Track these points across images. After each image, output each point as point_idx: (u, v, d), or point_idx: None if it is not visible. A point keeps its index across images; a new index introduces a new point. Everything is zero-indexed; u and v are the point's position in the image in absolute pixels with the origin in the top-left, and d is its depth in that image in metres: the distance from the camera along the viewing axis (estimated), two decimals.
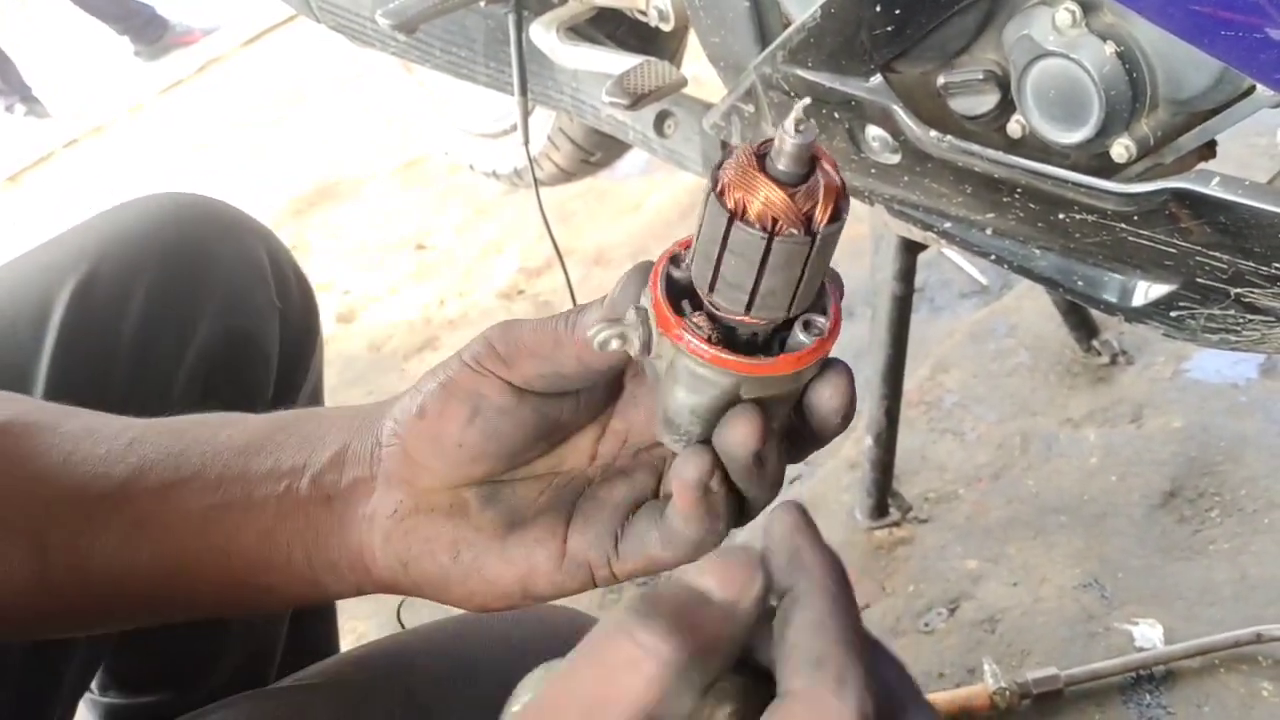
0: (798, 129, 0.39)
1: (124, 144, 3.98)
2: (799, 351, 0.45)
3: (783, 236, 0.40)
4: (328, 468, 0.55)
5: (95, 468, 0.57)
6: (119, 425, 0.59)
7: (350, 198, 3.02)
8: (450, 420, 0.51)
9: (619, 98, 1.10)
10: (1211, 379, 1.59)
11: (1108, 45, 0.80)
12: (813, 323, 0.45)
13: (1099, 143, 0.84)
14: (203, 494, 0.55)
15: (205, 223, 0.92)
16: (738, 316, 0.44)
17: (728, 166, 0.41)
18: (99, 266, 0.85)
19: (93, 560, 0.56)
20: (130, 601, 0.58)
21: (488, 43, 1.38)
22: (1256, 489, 1.42)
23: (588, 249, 2.40)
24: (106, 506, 0.56)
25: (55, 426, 0.59)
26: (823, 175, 0.41)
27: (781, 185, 0.40)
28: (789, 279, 0.42)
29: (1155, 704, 1.24)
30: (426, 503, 0.53)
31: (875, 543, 1.52)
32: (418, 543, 0.53)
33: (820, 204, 0.40)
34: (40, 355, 0.81)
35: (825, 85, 0.96)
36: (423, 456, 0.53)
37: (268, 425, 0.58)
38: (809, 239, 0.41)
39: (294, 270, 0.99)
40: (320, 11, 1.53)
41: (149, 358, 0.85)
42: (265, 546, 0.55)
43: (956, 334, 1.82)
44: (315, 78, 3.82)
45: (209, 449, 0.57)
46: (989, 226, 0.97)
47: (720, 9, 1.08)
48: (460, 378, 0.51)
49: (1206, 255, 0.81)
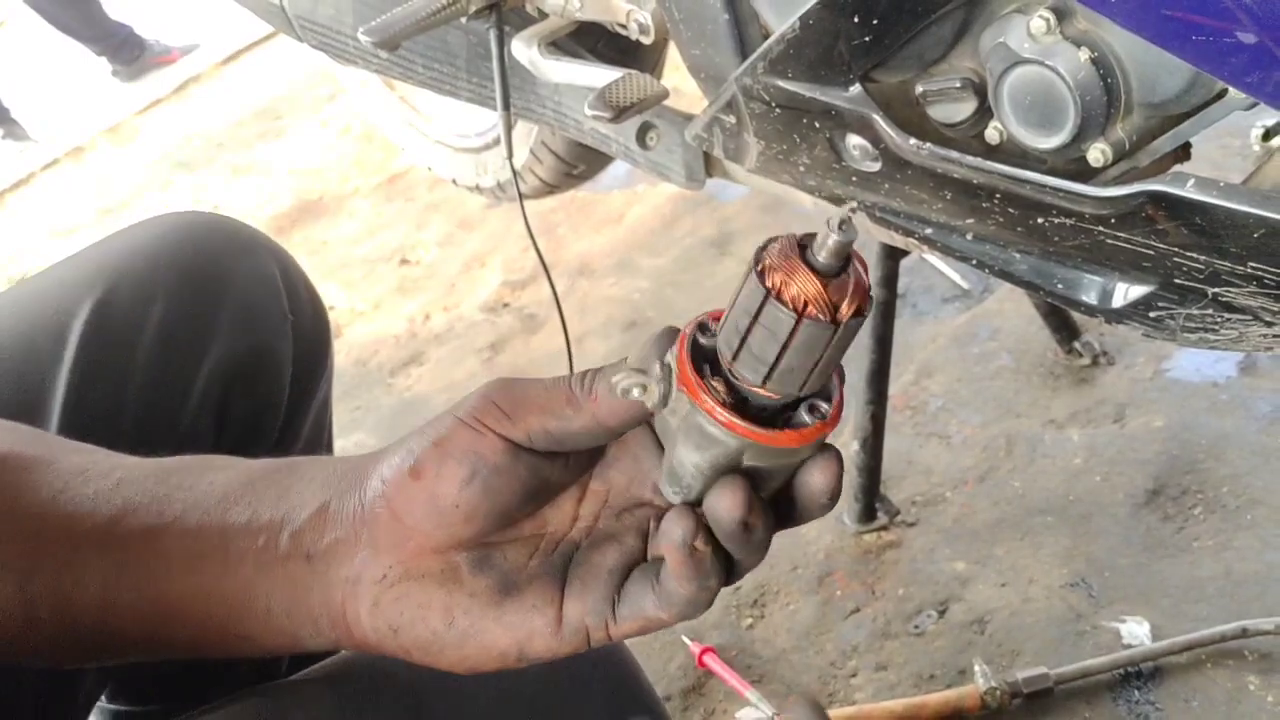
0: (841, 227, 0.44)
1: (104, 165, 3.97)
2: (802, 429, 0.49)
3: (810, 320, 0.45)
4: (308, 525, 0.55)
5: (82, 506, 0.57)
6: (109, 464, 0.60)
7: (332, 214, 3.03)
8: (447, 480, 0.52)
9: (601, 111, 1.10)
10: (1192, 378, 1.61)
11: (1082, 52, 0.81)
12: (817, 407, 0.49)
13: (1075, 147, 0.85)
14: (183, 540, 0.56)
15: (219, 240, 0.93)
16: (754, 387, 0.48)
17: (772, 250, 0.46)
18: (116, 284, 0.86)
19: (76, 598, 0.56)
20: (112, 640, 0.58)
21: (470, 58, 1.39)
22: (1238, 485, 1.44)
23: (571, 261, 2.41)
24: (91, 546, 0.56)
25: (50, 462, 0.59)
26: (854, 274, 0.46)
27: (817, 275, 0.45)
28: (808, 360, 0.47)
29: (1144, 700, 1.25)
30: (417, 569, 0.53)
31: (864, 547, 1.53)
32: (410, 609, 0.53)
33: (848, 299, 0.45)
34: (59, 371, 0.82)
35: (805, 95, 0.97)
36: (414, 519, 0.52)
37: (248, 474, 0.58)
38: (833, 326, 0.45)
39: (304, 282, 1.00)
40: (302, 30, 1.54)
41: (165, 373, 0.86)
42: (245, 596, 0.55)
43: (939, 338, 1.83)
44: (295, 95, 3.82)
45: (190, 496, 0.57)
46: (969, 231, 0.98)
47: (700, 22, 1.09)
48: (457, 436, 0.52)
49: (1183, 256, 0.83)
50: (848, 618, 1.45)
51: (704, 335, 0.50)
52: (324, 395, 1.02)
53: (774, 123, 1.03)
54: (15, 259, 3.46)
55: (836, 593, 1.49)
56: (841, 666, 1.40)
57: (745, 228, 2.32)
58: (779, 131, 1.04)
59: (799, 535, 1.57)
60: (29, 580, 0.56)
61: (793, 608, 1.49)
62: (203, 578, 0.55)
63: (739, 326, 0.47)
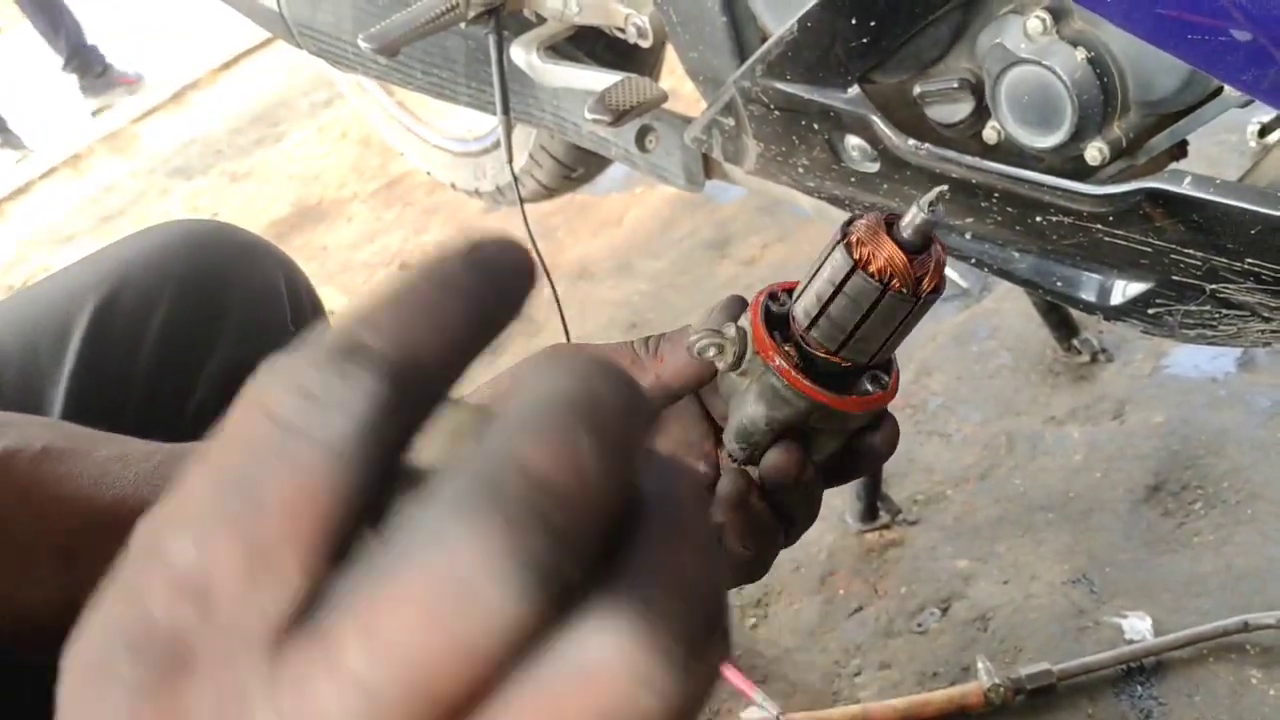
0: (930, 207, 0.47)
1: (102, 173, 3.98)
2: (866, 396, 0.52)
3: (894, 292, 0.48)
4: None
5: (124, 490, 0.58)
6: (147, 449, 0.61)
7: (331, 219, 3.03)
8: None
9: (601, 114, 1.11)
10: (1190, 374, 1.61)
11: (1079, 51, 0.82)
12: (879, 377, 0.52)
13: (1073, 146, 0.86)
14: None
15: (223, 248, 0.93)
16: (827, 354, 0.51)
17: (859, 224, 0.48)
18: (119, 291, 0.86)
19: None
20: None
21: (469, 63, 1.40)
22: (1238, 480, 1.44)
23: (570, 264, 2.42)
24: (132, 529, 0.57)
25: (89, 452, 0.60)
26: (935, 253, 0.48)
27: (903, 249, 0.47)
28: (884, 330, 0.49)
29: (1146, 695, 1.25)
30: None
31: (866, 546, 1.54)
32: None
33: (930, 274, 0.48)
34: (59, 377, 0.82)
35: (803, 97, 0.98)
36: None
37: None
38: (914, 299, 0.48)
39: (309, 293, 1.00)
40: (301, 37, 1.54)
41: (164, 382, 0.86)
42: None
43: (939, 337, 1.84)
44: (293, 101, 3.82)
45: None
46: (968, 231, 0.99)
47: (698, 25, 1.10)
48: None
49: (1181, 253, 0.83)
50: (851, 616, 1.46)
51: (774, 304, 0.53)
52: None
53: (772, 125, 1.04)
54: (14, 267, 3.46)
55: (839, 592, 1.49)
56: (845, 665, 1.41)
57: (744, 229, 2.32)
58: (777, 133, 1.04)
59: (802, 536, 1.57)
60: (72, 568, 0.57)
61: (796, 607, 1.49)
62: None
63: (820, 295, 0.49)
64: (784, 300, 0.53)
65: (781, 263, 2.19)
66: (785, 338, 0.52)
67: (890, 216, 0.48)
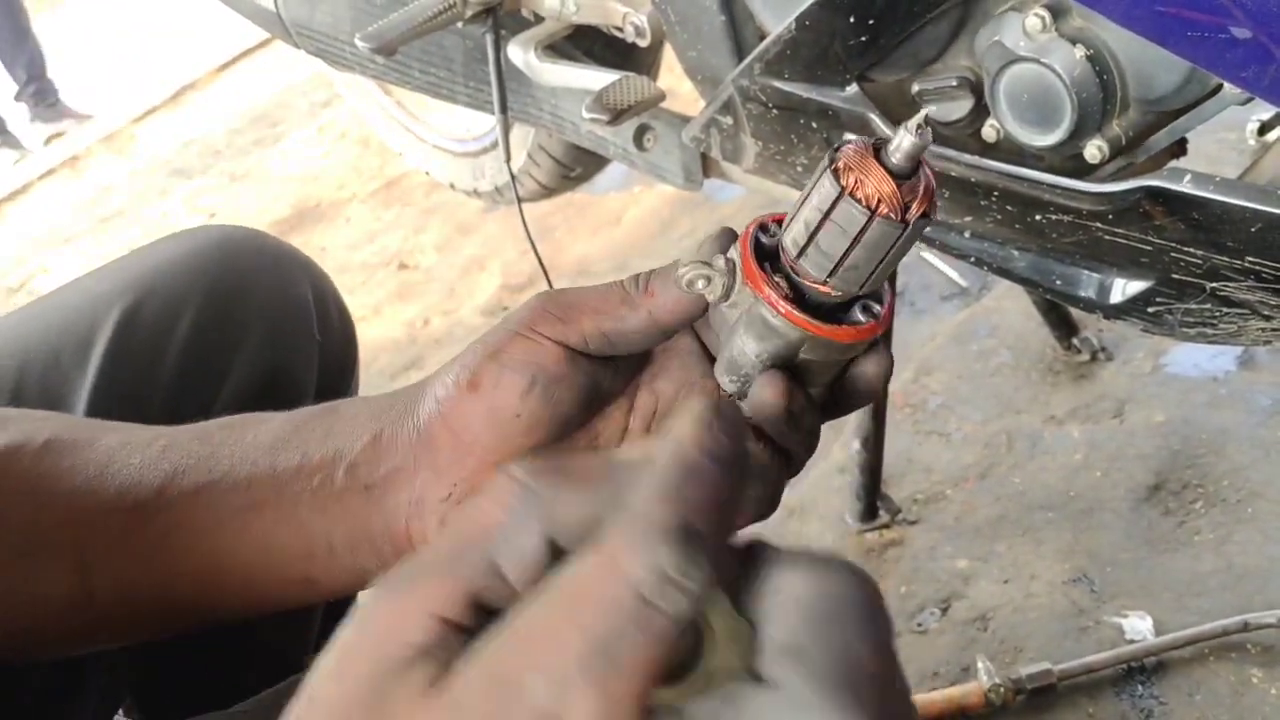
0: (917, 131, 0.45)
1: (101, 174, 3.97)
2: (858, 326, 0.50)
3: (882, 218, 0.47)
4: (362, 458, 0.55)
5: (130, 477, 0.58)
6: (151, 435, 0.60)
7: (330, 220, 3.03)
8: (506, 390, 0.52)
9: (599, 114, 1.11)
10: (1191, 372, 1.61)
11: (1078, 49, 0.82)
12: (870, 306, 0.51)
13: (1072, 144, 0.86)
14: (233, 494, 0.56)
15: (250, 256, 0.92)
16: (816, 284, 0.49)
17: (846, 151, 0.47)
18: (144, 298, 0.85)
19: (133, 568, 0.57)
20: (174, 607, 0.58)
21: (466, 63, 1.40)
22: (1239, 479, 1.44)
23: (569, 263, 2.41)
24: (142, 514, 0.57)
25: (92, 442, 0.60)
26: (924, 178, 0.47)
27: (891, 175, 0.46)
28: (873, 258, 0.48)
29: (1147, 695, 1.25)
30: (481, 484, 0.53)
31: (866, 545, 1.53)
32: None
33: (919, 199, 0.47)
34: (82, 384, 0.81)
35: (802, 96, 0.98)
36: (473, 433, 0.53)
37: (292, 421, 0.59)
38: (903, 225, 0.47)
39: (336, 303, 0.99)
40: (299, 37, 1.54)
41: (187, 391, 0.84)
42: (304, 539, 0.55)
43: (939, 336, 1.84)
44: (292, 101, 3.82)
45: (237, 449, 0.57)
46: (967, 229, 0.98)
47: (696, 23, 1.09)
48: (513, 346, 0.53)
49: (1181, 251, 0.83)
50: None
51: (765, 235, 0.52)
52: None
53: (771, 123, 1.03)
54: (14, 269, 3.46)
55: None
56: None
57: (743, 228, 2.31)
58: (776, 132, 1.04)
59: (801, 535, 1.57)
60: (85, 559, 0.57)
61: None
62: (258, 527, 0.55)
63: (808, 223, 0.48)
64: (774, 231, 0.52)
65: None
66: (775, 269, 0.51)
67: (879, 142, 0.47)
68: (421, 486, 0.54)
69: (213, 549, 0.56)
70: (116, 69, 4.78)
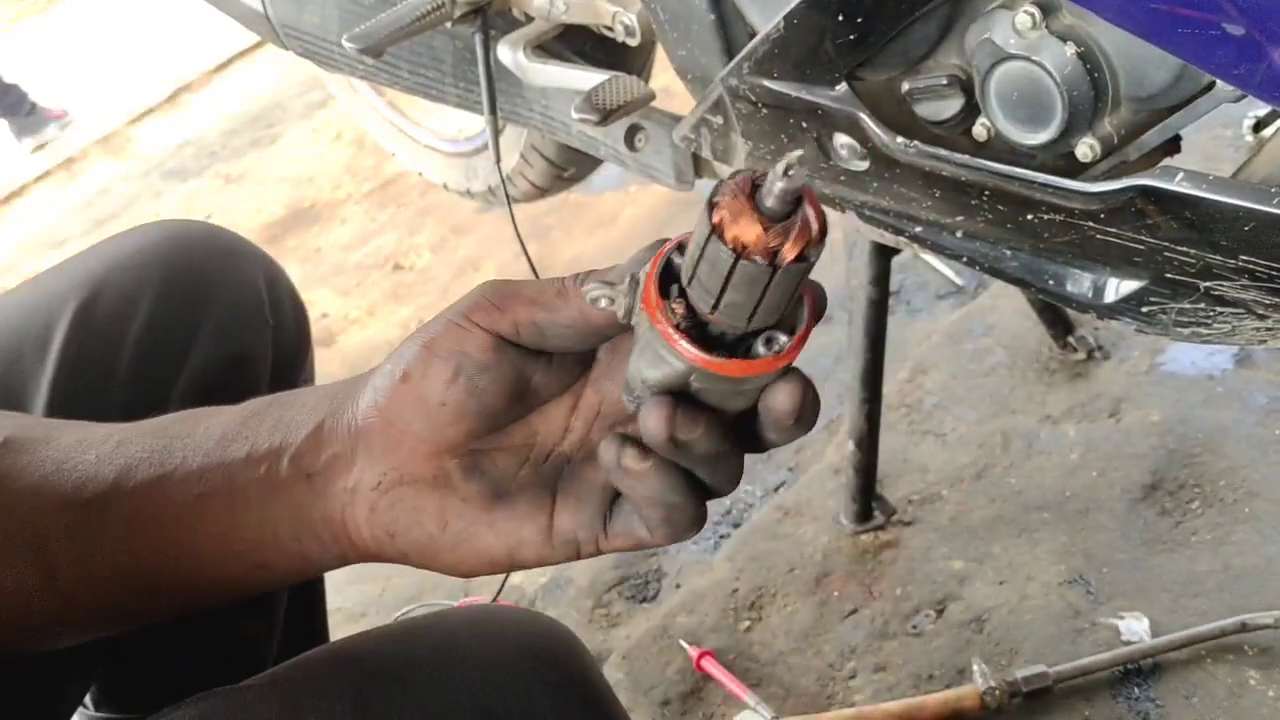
0: (787, 173, 0.44)
1: (96, 175, 3.97)
2: (751, 360, 0.49)
3: (747, 260, 0.45)
4: (305, 447, 0.56)
5: (86, 472, 0.59)
6: (106, 431, 0.61)
7: (325, 220, 3.02)
8: (433, 380, 0.53)
9: (588, 114, 1.10)
10: (1187, 371, 1.60)
11: (1068, 46, 0.81)
12: (775, 339, 0.49)
13: (1064, 143, 0.85)
14: (187, 484, 0.57)
15: (203, 248, 0.94)
16: (705, 314, 0.48)
17: (725, 188, 0.46)
18: (100, 291, 0.87)
19: (94, 561, 0.57)
20: (138, 598, 0.59)
21: (456, 63, 1.39)
22: (1236, 479, 1.43)
23: (565, 264, 2.41)
24: (99, 507, 0.58)
25: (49, 439, 0.61)
26: (801, 219, 0.45)
27: (761, 217, 0.45)
28: (749, 298, 0.46)
29: (1144, 697, 1.24)
30: (410, 473, 0.55)
31: (861, 547, 1.53)
32: (405, 513, 0.55)
33: (790, 243, 0.45)
34: (42, 378, 0.83)
35: (791, 95, 0.97)
36: (404, 421, 0.54)
37: (242, 413, 0.60)
38: (770, 270, 0.45)
39: (289, 290, 1.01)
40: (287, 38, 1.53)
41: (145, 380, 0.87)
42: (255, 527, 0.56)
43: (934, 336, 1.83)
44: (286, 102, 3.81)
45: (189, 442, 0.59)
46: (959, 229, 0.97)
47: (686, 23, 1.09)
48: (445, 336, 0.54)
49: (1174, 250, 0.82)
50: (845, 619, 1.45)
51: (679, 255, 0.50)
52: None
53: (761, 123, 1.03)
54: (7, 272, 3.45)
55: (834, 594, 1.48)
56: (840, 668, 1.39)
57: None
58: (766, 131, 1.03)
59: (796, 537, 1.56)
60: (47, 554, 0.58)
61: (790, 610, 1.48)
62: (211, 517, 0.57)
63: (692, 255, 0.47)
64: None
65: None
66: (681, 292, 0.49)
67: (760, 178, 0.45)
68: (356, 474, 0.55)
69: (170, 539, 0.57)
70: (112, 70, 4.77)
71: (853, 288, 1.37)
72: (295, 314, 1.01)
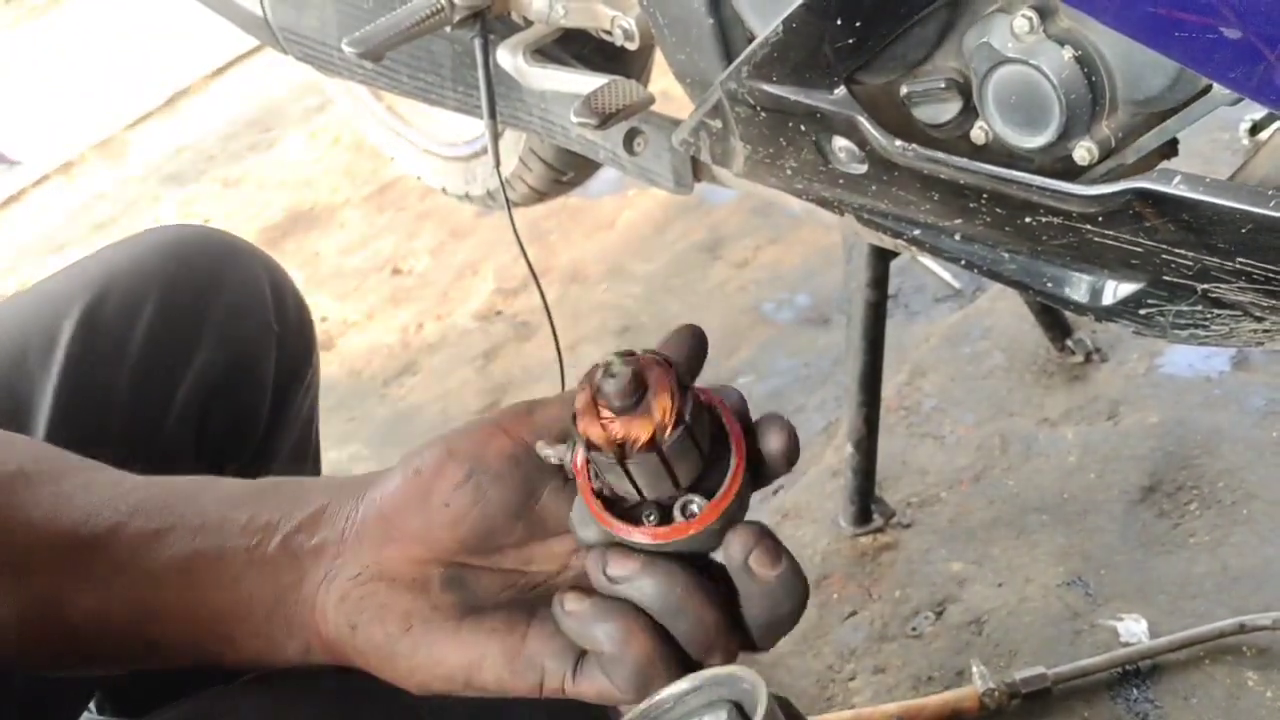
0: (605, 376, 0.47)
1: (94, 180, 3.96)
2: (659, 528, 0.49)
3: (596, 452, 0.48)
4: (301, 527, 0.55)
5: (82, 516, 0.58)
6: (116, 477, 0.61)
7: (324, 225, 3.02)
8: (444, 479, 0.52)
9: (587, 118, 1.10)
10: (1185, 373, 1.60)
11: (1066, 50, 0.81)
12: (689, 506, 0.49)
13: (1061, 146, 0.85)
14: (180, 542, 0.56)
15: (208, 251, 0.94)
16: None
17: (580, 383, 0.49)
18: (104, 296, 0.87)
19: (72, 605, 0.57)
20: (106, 647, 0.58)
21: (455, 67, 1.39)
22: (1234, 480, 1.43)
23: (563, 267, 2.41)
24: (87, 553, 0.57)
25: (58, 478, 0.61)
26: (645, 407, 0.47)
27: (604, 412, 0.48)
28: (620, 480, 0.49)
29: (1143, 698, 1.25)
30: (390, 571, 0.53)
31: (860, 549, 1.53)
32: (371, 608, 0.53)
33: (632, 434, 0.47)
34: (47, 383, 0.83)
35: (790, 98, 0.97)
36: (401, 517, 0.53)
37: (255, 485, 0.59)
38: (617, 461, 0.48)
39: (293, 294, 1.01)
40: (286, 42, 1.53)
41: (150, 383, 0.86)
42: (229, 597, 0.55)
43: (932, 338, 1.83)
44: (285, 107, 3.81)
45: (195, 503, 0.58)
46: (957, 232, 0.98)
47: (685, 27, 1.09)
48: (466, 439, 0.53)
49: (1172, 253, 0.82)
50: (845, 621, 1.45)
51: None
52: (308, 410, 1.02)
53: (760, 126, 1.03)
54: (5, 276, 3.45)
55: (833, 596, 1.48)
56: (839, 670, 1.40)
57: (736, 231, 2.31)
58: (765, 135, 1.03)
59: (795, 539, 1.56)
60: (26, 588, 0.57)
61: None
62: (194, 579, 0.56)
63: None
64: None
65: (774, 265, 2.18)
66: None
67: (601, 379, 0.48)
68: (341, 562, 0.54)
69: (147, 595, 0.57)
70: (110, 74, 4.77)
71: (851, 290, 1.37)
72: (300, 319, 1.01)
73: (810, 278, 2.11)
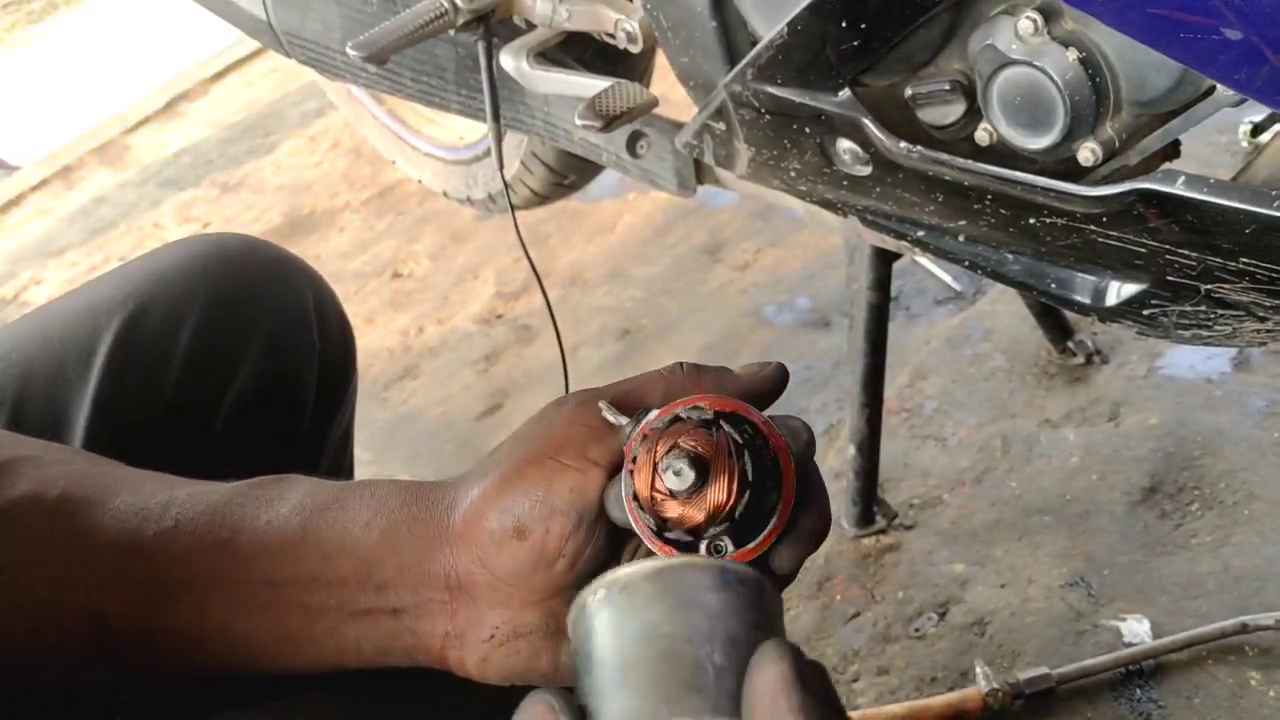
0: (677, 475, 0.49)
1: (93, 184, 3.96)
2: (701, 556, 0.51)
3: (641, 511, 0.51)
4: (390, 583, 0.56)
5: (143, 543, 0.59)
6: (163, 503, 0.60)
7: (323, 229, 3.02)
8: (554, 536, 0.53)
9: (591, 120, 1.10)
10: (1186, 375, 1.61)
11: (1070, 51, 0.81)
12: (719, 545, 0.51)
13: (1065, 147, 0.86)
14: (259, 591, 0.57)
15: (251, 263, 0.91)
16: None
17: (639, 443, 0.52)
18: (146, 306, 0.85)
19: (157, 635, 0.58)
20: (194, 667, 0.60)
21: (458, 71, 1.39)
22: (1235, 481, 1.44)
23: (563, 271, 2.41)
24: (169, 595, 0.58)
25: (104, 503, 0.60)
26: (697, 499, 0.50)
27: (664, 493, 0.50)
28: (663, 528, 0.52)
29: (1146, 698, 1.25)
30: (525, 626, 0.55)
31: (863, 551, 1.53)
32: (522, 662, 0.55)
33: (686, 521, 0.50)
34: (85, 392, 0.81)
35: (794, 100, 0.98)
36: (517, 577, 0.54)
37: (299, 514, 0.59)
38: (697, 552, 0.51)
39: (335, 309, 0.99)
40: (290, 46, 1.54)
41: (190, 397, 0.84)
42: (333, 638, 0.57)
43: (933, 340, 1.83)
44: (284, 110, 3.82)
45: (248, 541, 0.58)
46: (961, 233, 0.98)
47: (688, 29, 1.09)
48: (561, 485, 0.53)
49: (1175, 253, 0.83)
50: (848, 622, 1.45)
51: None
52: (345, 425, 1.00)
53: (763, 129, 1.03)
54: (6, 280, 3.45)
55: (836, 597, 1.49)
56: (843, 671, 1.40)
57: (737, 235, 2.32)
58: (769, 137, 1.04)
59: None
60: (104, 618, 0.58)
61: (793, 613, 1.48)
62: (283, 623, 0.57)
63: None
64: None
65: (775, 268, 2.18)
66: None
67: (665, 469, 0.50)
68: (463, 623, 0.55)
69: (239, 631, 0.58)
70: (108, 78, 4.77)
71: (853, 293, 1.38)
72: (342, 334, 0.98)
73: (811, 281, 2.11)
